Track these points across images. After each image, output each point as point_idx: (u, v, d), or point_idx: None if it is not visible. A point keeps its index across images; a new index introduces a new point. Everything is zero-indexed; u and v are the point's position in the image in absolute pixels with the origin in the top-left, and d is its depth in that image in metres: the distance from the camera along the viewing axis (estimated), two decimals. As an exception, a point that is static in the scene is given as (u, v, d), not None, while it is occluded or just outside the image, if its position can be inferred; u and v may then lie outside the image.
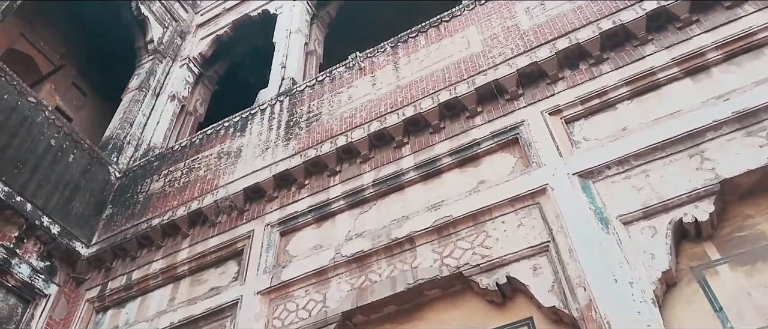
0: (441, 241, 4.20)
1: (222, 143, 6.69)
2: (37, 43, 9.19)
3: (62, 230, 6.04)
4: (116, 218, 6.50)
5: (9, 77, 6.40)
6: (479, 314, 3.77)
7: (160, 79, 8.92)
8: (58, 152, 6.52)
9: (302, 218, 5.24)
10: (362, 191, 5.05)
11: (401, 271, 4.17)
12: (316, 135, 5.83)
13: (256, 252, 5.17)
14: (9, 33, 8.25)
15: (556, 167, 4.08)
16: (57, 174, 6.38)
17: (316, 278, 4.59)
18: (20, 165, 6.02)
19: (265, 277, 4.85)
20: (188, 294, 5.30)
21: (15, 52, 8.71)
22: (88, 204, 6.59)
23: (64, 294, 5.87)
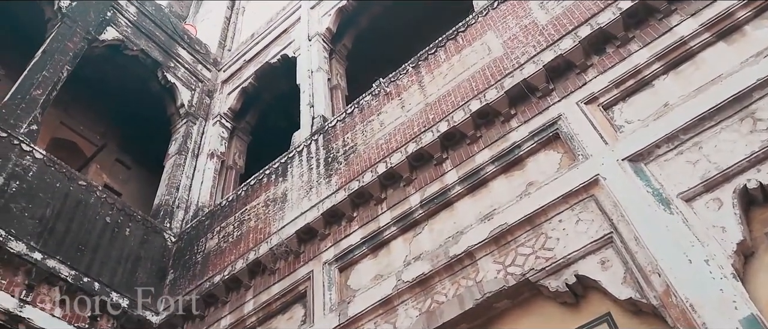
0: (501, 250, 4.16)
1: (266, 191, 6.82)
2: (77, 128, 9.61)
3: (131, 303, 6.24)
4: (179, 282, 6.67)
5: (58, 166, 6.71)
6: (554, 318, 3.70)
7: (196, 140, 9.18)
8: (114, 228, 6.76)
9: (357, 250, 5.28)
10: (411, 214, 5.06)
11: (467, 288, 4.14)
12: (356, 167, 5.88)
13: (318, 292, 5.22)
14: (50, 124, 8.64)
15: (603, 155, 4.02)
16: (117, 249, 6.60)
17: (382, 308, 4.60)
18: (82, 247, 6.26)
19: (332, 316, 4.88)
20: (262, 342, 5.37)
21: (59, 140, 9.13)
22: (151, 273, 6.79)
23: (146, 364, 6.04)
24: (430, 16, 9.33)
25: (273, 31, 9.98)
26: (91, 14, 8.79)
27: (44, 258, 5.78)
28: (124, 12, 9.46)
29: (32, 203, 6.10)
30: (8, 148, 6.29)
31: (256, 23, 10.99)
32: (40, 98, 7.22)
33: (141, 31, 9.56)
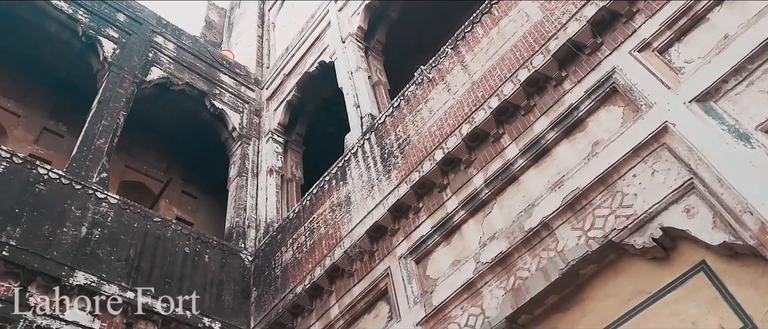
0: (577, 216, 4.09)
1: (330, 197, 6.94)
2: (141, 169, 10.04)
3: (223, 325, 6.50)
4: (264, 298, 6.88)
5: (132, 207, 7.03)
6: (646, 275, 3.62)
7: (253, 160, 9.43)
8: (194, 257, 7.04)
9: (430, 240, 5.30)
10: (477, 195, 5.04)
11: (549, 259, 4.10)
12: (413, 158, 5.90)
13: (399, 286, 5.28)
14: (116, 169, 9.05)
15: (668, 101, 3.88)
16: (200, 277, 6.88)
17: (466, 293, 4.61)
18: (168, 280, 6.55)
19: (417, 308, 4.94)
20: (353, 345, 5.48)
21: (127, 183, 9.57)
22: (235, 294, 7.04)
23: (244, 381, 6.28)
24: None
25: (306, 40, 10.11)
26: (134, 58, 9.16)
27: (136, 295, 6.09)
28: (164, 50, 9.80)
29: (116, 247, 6.43)
30: (85, 198, 6.64)
31: (289, 36, 11.16)
32: (104, 147, 7.58)
33: (183, 65, 9.89)
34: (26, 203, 6.05)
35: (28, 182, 6.28)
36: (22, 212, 5.94)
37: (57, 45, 9.18)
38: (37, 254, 5.71)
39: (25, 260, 5.56)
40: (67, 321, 5.52)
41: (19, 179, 6.21)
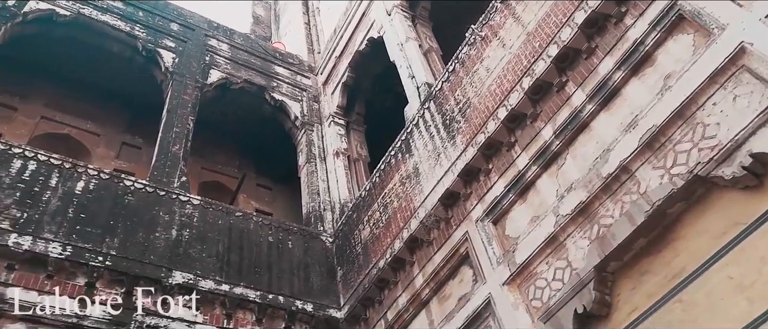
0: (657, 155, 3.95)
1: (398, 171, 7.01)
2: (216, 169, 10.49)
3: (315, 306, 6.78)
4: (349, 276, 7.10)
5: (214, 206, 7.39)
6: (738, 205, 3.46)
7: (319, 145, 9.64)
8: (278, 245, 7.34)
9: (504, 200, 5.27)
10: (547, 148, 4.95)
11: (632, 202, 3.99)
12: (476, 120, 5.85)
13: (480, 249, 5.31)
14: (193, 172, 9.48)
15: (742, 20, 3.64)
16: (286, 262, 7.17)
17: (549, 247, 4.58)
18: (257, 269, 6.87)
19: (501, 268, 4.95)
20: (442, 312, 5.58)
21: (205, 183, 10.03)
22: (322, 275, 7.30)
23: (343, 357, 6.56)
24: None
25: (352, 19, 10.12)
26: (193, 64, 9.51)
27: (231, 287, 6.43)
28: (219, 52, 10.11)
29: (205, 244, 6.79)
30: (170, 203, 7.03)
31: (334, 18, 11.20)
32: (180, 152, 7.97)
33: (238, 63, 10.17)
34: (119, 215, 6.48)
35: (117, 195, 6.71)
36: (116, 223, 6.37)
37: (122, 63, 9.64)
38: (136, 260, 6.12)
39: (126, 267, 5.98)
40: (172, 318, 5.92)
41: (109, 193, 6.65)
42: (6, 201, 5.83)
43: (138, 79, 9.86)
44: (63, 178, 6.45)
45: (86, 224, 6.14)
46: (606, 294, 4.10)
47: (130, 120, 10.16)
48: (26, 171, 6.26)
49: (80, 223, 6.10)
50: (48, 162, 6.51)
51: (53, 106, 9.58)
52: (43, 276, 5.54)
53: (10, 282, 5.34)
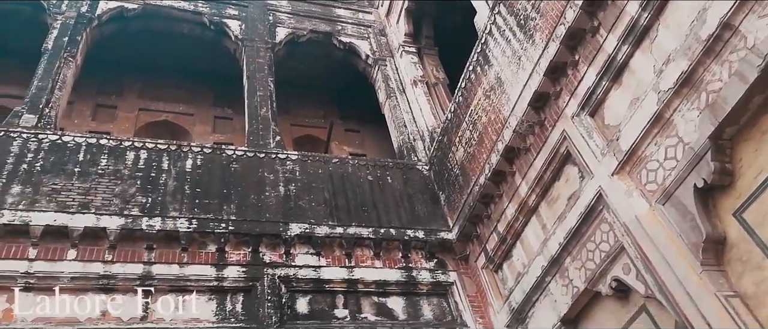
0: (761, 3, 3.59)
1: (480, 85, 6.88)
2: (303, 123, 10.86)
3: (426, 232, 6.99)
4: (452, 198, 7.21)
5: (312, 158, 7.71)
6: None
7: (395, 78, 9.64)
8: (378, 182, 7.56)
9: (598, 89, 5.05)
10: (635, 23, 4.64)
11: (741, 60, 3.68)
12: (553, 12, 5.55)
13: (581, 145, 5.17)
14: (284, 130, 9.81)
15: None
16: (390, 197, 7.39)
17: (656, 127, 4.37)
18: (365, 208, 7.14)
19: (607, 159, 4.81)
20: (553, 214, 5.56)
21: (297, 139, 10.43)
22: (425, 202, 7.47)
23: (463, 275, 6.76)
24: None
25: (402, -59, 9.79)
26: (259, 27, 9.71)
27: (345, 229, 6.76)
28: (280, 9, 10.24)
29: (312, 194, 7.13)
30: (272, 163, 7.39)
31: (382, -56, 10.89)
32: (268, 114, 8.30)
33: (300, 15, 10.27)
34: (229, 183, 6.92)
35: (223, 165, 7.15)
36: (229, 191, 6.82)
37: (195, 42, 10.03)
38: (255, 220, 6.56)
39: (247, 228, 6.44)
40: (299, 266, 6.36)
41: (215, 165, 7.10)
42: (130, 190, 6.41)
43: (213, 53, 10.24)
44: (173, 160, 6.95)
45: (203, 196, 6.62)
46: (726, 162, 3.88)
47: (216, 95, 10.66)
48: (140, 161, 6.81)
49: (198, 197, 6.60)
50: (156, 148, 7.03)
51: (147, 97, 10.24)
52: (179, 249, 6.10)
53: (153, 260, 5.94)
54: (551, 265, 5.46)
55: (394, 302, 6.42)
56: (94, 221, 5.92)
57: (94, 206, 6.08)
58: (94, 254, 5.77)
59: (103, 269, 5.68)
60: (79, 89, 9.06)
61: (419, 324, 6.24)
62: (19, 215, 5.73)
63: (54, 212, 5.88)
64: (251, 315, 5.83)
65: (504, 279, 6.32)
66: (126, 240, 5.96)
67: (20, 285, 5.40)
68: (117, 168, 6.59)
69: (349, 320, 6.09)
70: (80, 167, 6.47)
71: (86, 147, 6.73)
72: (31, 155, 6.43)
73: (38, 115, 7.06)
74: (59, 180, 6.24)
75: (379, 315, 6.24)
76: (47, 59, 7.90)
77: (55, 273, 5.52)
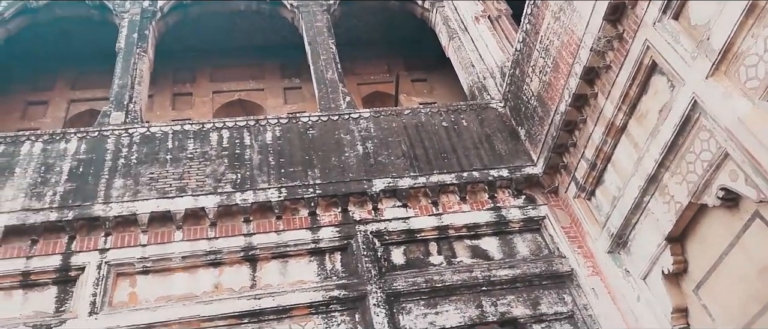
0: None
1: (547, 8, 6.53)
2: (369, 80, 10.86)
3: (510, 169, 6.87)
4: (533, 131, 7.00)
5: (383, 113, 7.73)
6: None
7: (455, 18, 9.38)
8: (454, 127, 7.47)
9: (678, -11, 4.67)
10: None
11: None
12: None
13: (667, 51, 4.82)
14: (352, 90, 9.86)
15: None
16: (467, 140, 7.29)
17: (750, 18, 4.00)
18: (444, 155, 7.10)
19: (699, 62, 4.47)
20: (644, 131, 5.26)
21: (366, 97, 10.48)
22: (505, 140, 7.32)
23: (554, 207, 6.62)
24: None
25: None
26: (312, -10, 9.68)
27: (427, 178, 6.77)
28: (329, -33, 10.15)
29: (389, 149, 7.15)
30: (346, 124, 7.47)
31: None
32: (335, 76, 8.36)
33: (350, -29, 10.13)
34: (309, 149, 7.07)
35: (301, 132, 7.30)
36: (310, 157, 6.98)
37: (253, 17, 10.20)
38: (339, 181, 6.69)
39: (334, 189, 6.58)
40: (388, 219, 6.45)
41: (293, 134, 7.26)
42: (220, 169, 6.70)
43: (272, 25, 10.39)
44: (253, 135, 7.18)
45: (287, 165, 6.82)
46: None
47: (282, 66, 10.86)
48: (223, 140, 7.08)
49: (282, 166, 6.80)
50: (236, 126, 7.28)
51: (218, 79, 10.60)
52: (273, 218, 6.35)
53: (252, 231, 6.23)
54: (649, 183, 5.21)
55: (487, 243, 6.40)
56: (192, 202, 6.26)
57: (190, 188, 6.42)
58: (198, 232, 6.13)
59: (208, 245, 6.02)
60: (155, 81, 9.50)
61: (516, 261, 6.21)
62: (126, 206, 6.16)
63: (155, 199, 6.27)
64: (351, 270, 6.02)
65: (598, 205, 6.12)
66: (224, 216, 6.27)
67: (138, 269, 5.85)
68: (204, 150, 6.90)
69: (445, 265, 6.15)
70: (171, 153, 6.83)
71: (173, 135, 7.08)
72: (126, 149, 6.85)
73: (125, 111, 7.49)
74: (155, 169, 6.62)
75: (474, 257, 6.25)
76: (123, 57, 8.31)
77: (166, 255, 5.92)
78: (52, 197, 6.21)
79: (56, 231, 5.97)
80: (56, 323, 5.34)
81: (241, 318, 5.52)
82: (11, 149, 6.72)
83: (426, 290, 5.85)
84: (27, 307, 5.53)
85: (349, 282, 5.90)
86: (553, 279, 6.05)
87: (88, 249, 5.90)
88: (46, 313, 5.48)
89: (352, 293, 5.77)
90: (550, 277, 6.05)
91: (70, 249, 5.88)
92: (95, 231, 6.03)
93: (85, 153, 6.75)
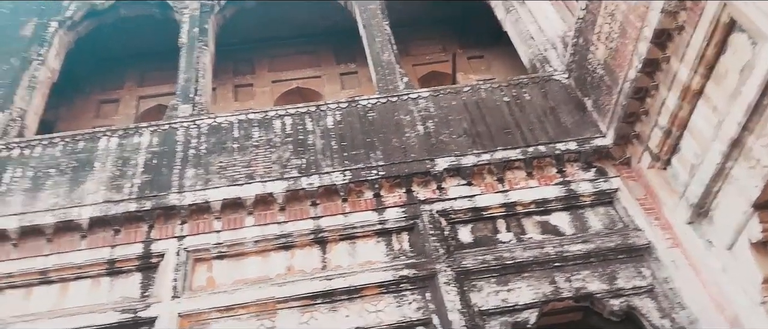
0: None
1: (611, -28, 6.26)
2: (425, 60, 10.77)
3: (578, 142, 6.66)
4: (600, 101, 6.75)
5: (442, 91, 7.64)
6: None
7: (512, -10, 9.15)
8: (516, 101, 7.31)
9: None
10: None
11: None
12: None
13: (747, 7, 4.52)
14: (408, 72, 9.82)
15: None
16: (532, 114, 7.11)
17: None
18: (507, 130, 6.95)
19: None
20: (723, 93, 4.94)
21: (423, 77, 10.38)
22: (571, 112, 7.08)
23: (627, 179, 6.37)
24: None
25: None
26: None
27: (491, 154, 6.65)
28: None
29: (450, 127, 7.07)
30: (405, 105, 7.44)
31: None
32: (391, 58, 8.33)
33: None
34: (370, 131, 7.09)
35: (361, 115, 7.33)
36: (371, 139, 6.99)
37: (308, 6, 10.27)
38: (402, 162, 6.68)
39: (396, 170, 6.58)
40: (453, 198, 6.40)
41: (354, 118, 7.30)
42: (285, 155, 6.82)
43: (325, 12, 10.44)
44: (315, 120, 7.27)
45: (350, 149, 6.87)
46: None
47: (337, 52, 10.94)
48: (287, 127, 7.20)
49: (345, 150, 6.86)
50: (298, 113, 7.39)
51: (276, 68, 10.81)
52: (339, 201, 6.42)
53: (320, 214, 6.32)
54: (731, 148, 4.91)
55: (557, 218, 6.25)
56: (261, 188, 6.41)
57: (257, 175, 6.58)
58: (268, 217, 6.28)
59: (278, 229, 6.16)
60: (217, 75, 9.73)
61: (589, 236, 6.03)
62: (199, 195, 6.38)
63: (226, 186, 6.46)
64: (419, 250, 6.02)
65: (675, 174, 5.84)
66: (292, 200, 6.39)
67: (214, 254, 6.07)
68: (269, 137, 7.04)
69: (514, 242, 6.05)
70: (238, 142, 7.01)
71: (238, 124, 7.26)
72: (195, 140, 7.08)
73: (191, 104, 7.73)
74: (223, 158, 6.82)
75: (544, 233, 6.12)
76: (186, 52, 8.58)
77: (239, 240, 6.10)
78: (130, 189, 6.51)
79: (136, 221, 6.27)
80: (142, 307, 5.62)
81: (315, 299, 5.63)
82: (90, 145, 7.08)
83: (496, 267, 5.78)
84: (114, 293, 5.85)
85: (417, 261, 5.90)
86: (630, 252, 5.84)
87: (166, 236, 6.16)
88: (133, 298, 5.78)
89: (421, 272, 5.78)
90: (627, 251, 5.84)
91: (149, 237, 6.16)
92: (172, 219, 6.28)
93: (158, 146, 7.03)
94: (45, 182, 6.63)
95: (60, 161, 6.87)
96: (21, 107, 7.88)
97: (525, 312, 5.49)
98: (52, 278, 5.91)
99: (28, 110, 7.94)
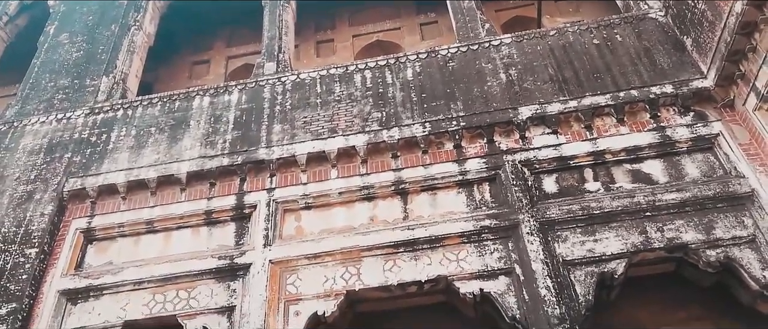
0: None
1: None
2: (507, 6, 10.28)
3: (675, 84, 6.20)
4: (701, 39, 6.19)
5: (527, 36, 7.35)
6: None
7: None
8: (607, 44, 6.88)
9: None
10: None
11: None
12: None
13: None
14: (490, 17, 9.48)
15: None
16: (623, 55, 6.69)
17: None
18: (596, 75, 6.60)
19: None
20: None
21: (506, 24, 9.93)
22: (667, 52, 6.59)
23: (729, 123, 5.88)
24: None
25: None
26: None
27: (579, 101, 6.35)
28: None
29: (535, 74, 6.81)
30: (487, 52, 7.23)
31: None
32: (472, 3, 8.13)
33: None
34: (450, 81, 6.98)
35: (441, 66, 7.22)
36: (452, 89, 6.89)
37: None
38: (483, 112, 6.55)
39: (478, 120, 6.47)
40: (537, 148, 6.21)
41: (434, 68, 7.20)
42: (366, 109, 6.90)
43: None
44: (394, 72, 7.25)
45: (429, 100, 6.82)
46: None
47: (417, 2, 10.72)
48: (367, 81, 7.25)
49: (424, 101, 6.82)
50: (378, 66, 7.40)
51: (356, 23, 10.81)
52: (420, 153, 6.44)
53: (400, 166, 6.38)
54: None
55: (650, 166, 5.92)
56: (343, 142, 6.55)
57: (340, 129, 6.72)
58: (350, 170, 6.44)
59: (361, 181, 6.31)
60: (299, 32, 9.91)
61: (684, 183, 5.67)
62: (286, 149, 6.64)
63: (311, 140, 6.67)
64: (500, 200, 5.95)
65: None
66: (373, 153, 6.49)
67: (301, 205, 6.34)
68: (350, 92, 7.14)
69: (602, 192, 5.82)
70: (320, 97, 7.16)
71: (320, 79, 7.40)
72: (280, 96, 7.32)
73: (276, 61, 7.96)
74: (307, 113, 7.01)
75: (635, 182, 5.83)
76: (269, 10, 8.80)
77: (325, 192, 6.32)
78: (222, 145, 6.89)
79: (229, 174, 6.64)
80: (238, 254, 6.01)
81: (397, 247, 5.76)
82: (185, 104, 7.52)
83: (582, 217, 5.60)
84: (212, 241, 6.30)
85: (499, 211, 5.84)
86: (730, 201, 5.45)
87: (257, 189, 6.50)
88: (228, 246, 6.19)
89: (503, 222, 5.72)
90: (726, 199, 5.45)
91: (242, 190, 6.52)
92: (262, 173, 6.60)
93: (246, 103, 7.34)
94: (147, 139, 7.16)
95: (159, 120, 7.38)
96: (123, 71, 8.47)
97: (612, 263, 5.31)
98: (156, 227, 6.46)
99: (129, 73, 8.53)
